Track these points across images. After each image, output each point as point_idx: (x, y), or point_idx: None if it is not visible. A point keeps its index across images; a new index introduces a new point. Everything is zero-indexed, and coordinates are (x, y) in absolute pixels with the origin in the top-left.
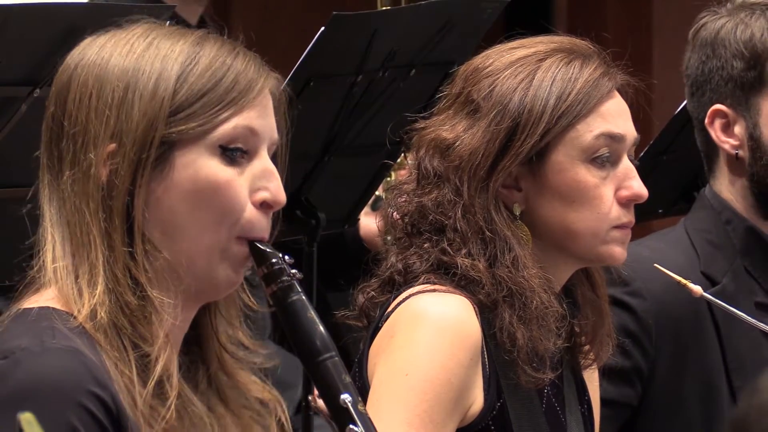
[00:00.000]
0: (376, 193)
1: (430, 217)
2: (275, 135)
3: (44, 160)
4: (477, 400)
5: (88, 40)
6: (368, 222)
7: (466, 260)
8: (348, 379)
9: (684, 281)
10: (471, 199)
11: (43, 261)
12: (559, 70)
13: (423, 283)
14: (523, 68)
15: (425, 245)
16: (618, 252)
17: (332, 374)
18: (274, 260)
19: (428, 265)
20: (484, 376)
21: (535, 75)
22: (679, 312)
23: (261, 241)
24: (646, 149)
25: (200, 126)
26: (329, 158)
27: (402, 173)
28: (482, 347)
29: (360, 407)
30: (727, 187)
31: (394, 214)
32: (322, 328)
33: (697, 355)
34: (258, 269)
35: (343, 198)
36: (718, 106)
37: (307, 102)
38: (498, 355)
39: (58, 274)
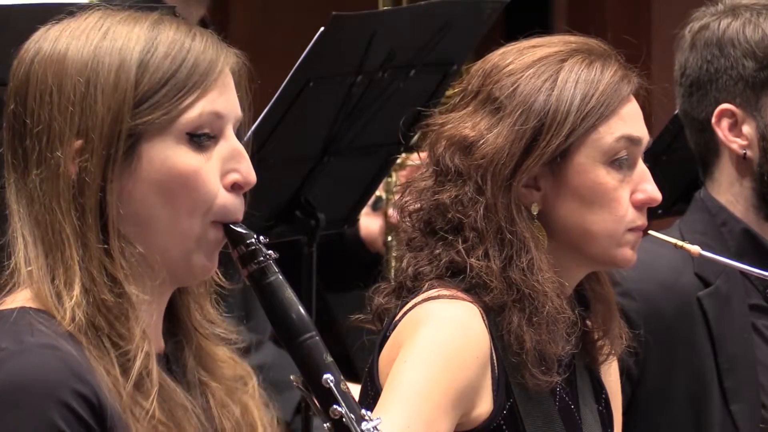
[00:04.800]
0: (377, 193)
1: (449, 215)
2: (239, 112)
3: (8, 158)
4: (485, 403)
5: (40, 32)
6: (368, 222)
7: (481, 262)
8: (329, 358)
9: (680, 243)
10: (494, 198)
11: (16, 263)
12: (582, 71)
13: (427, 290)
14: (546, 68)
15: (436, 251)
16: (630, 255)
17: (313, 354)
18: (249, 241)
19: (438, 271)
20: (492, 378)
21: (558, 75)
22: (669, 313)
23: (235, 223)
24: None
25: (165, 114)
26: (329, 158)
27: (402, 174)
28: (491, 351)
29: (343, 387)
30: (727, 189)
31: (404, 211)
32: (301, 308)
33: (688, 356)
34: (233, 250)
35: (342, 198)
36: (725, 105)
37: (306, 102)
38: (506, 356)
39: (33, 276)
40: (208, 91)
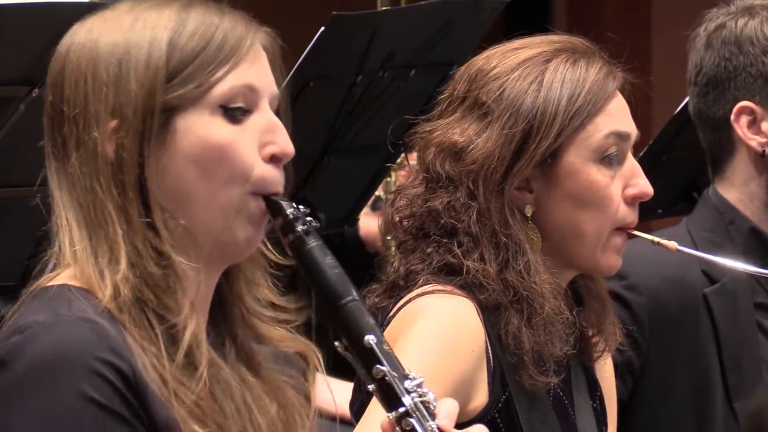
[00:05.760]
0: (376, 193)
1: (442, 221)
2: (274, 89)
3: (48, 148)
4: (481, 395)
5: (76, 26)
6: (368, 222)
7: (477, 264)
8: (371, 320)
9: (657, 239)
10: (487, 203)
11: (60, 246)
12: (567, 70)
13: (422, 285)
14: (531, 70)
15: (428, 250)
16: (615, 261)
17: (355, 316)
18: (289, 210)
19: (431, 269)
20: (488, 371)
21: (544, 76)
22: (674, 308)
23: (276, 195)
24: (645, 149)
25: (197, 87)
26: (329, 158)
27: (402, 174)
28: (486, 344)
29: (385, 347)
30: (739, 187)
31: (396, 217)
32: (341, 272)
33: (692, 352)
34: (274, 220)
35: (342, 198)
36: (744, 102)
37: (306, 102)
38: (503, 354)
39: (77, 256)
40: (239, 64)
